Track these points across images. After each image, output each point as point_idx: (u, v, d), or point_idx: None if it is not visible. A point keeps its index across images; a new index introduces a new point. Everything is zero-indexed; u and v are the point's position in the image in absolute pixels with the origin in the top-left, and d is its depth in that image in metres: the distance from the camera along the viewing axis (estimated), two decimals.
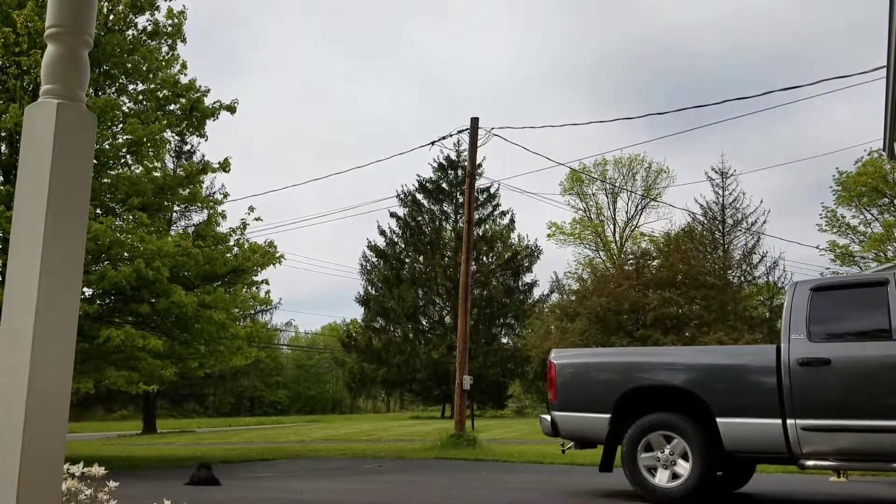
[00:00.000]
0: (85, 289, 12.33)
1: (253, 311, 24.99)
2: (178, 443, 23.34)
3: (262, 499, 7.65)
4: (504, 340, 40.87)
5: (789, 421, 6.29)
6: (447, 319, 38.73)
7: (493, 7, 75.21)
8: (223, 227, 14.90)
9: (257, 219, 14.78)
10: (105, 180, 13.28)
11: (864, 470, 7.75)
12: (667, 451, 6.72)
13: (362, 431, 24.52)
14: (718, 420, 6.51)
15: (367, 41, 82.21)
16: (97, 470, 3.05)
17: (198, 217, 25.31)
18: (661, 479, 6.71)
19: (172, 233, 15.63)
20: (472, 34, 75.75)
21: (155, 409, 36.14)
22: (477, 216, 37.71)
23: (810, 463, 6.31)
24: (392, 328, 40.17)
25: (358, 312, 45.68)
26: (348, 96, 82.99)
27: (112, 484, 3.12)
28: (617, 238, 47.75)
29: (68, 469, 2.88)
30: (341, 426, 29.56)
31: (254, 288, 15.43)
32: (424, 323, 40.33)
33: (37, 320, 1.90)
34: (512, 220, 40.70)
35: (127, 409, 47.57)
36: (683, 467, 6.62)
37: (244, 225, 14.68)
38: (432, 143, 18.67)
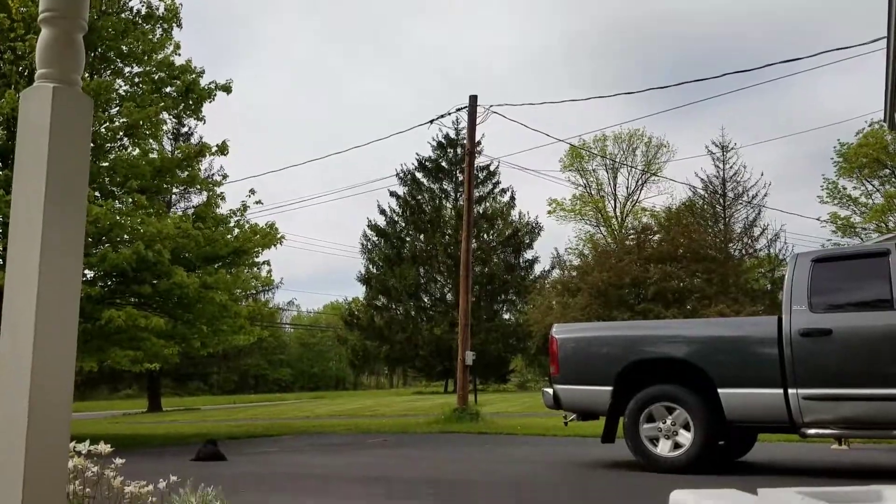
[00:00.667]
0: (86, 271, 12.36)
1: (255, 291, 25.05)
2: (184, 420, 23.49)
3: (268, 473, 7.72)
4: (506, 316, 41.01)
5: (791, 391, 6.33)
6: (448, 296, 38.81)
7: None
8: (223, 209, 14.93)
9: (258, 202, 14.82)
10: (103, 163, 13.26)
11: (865, 438, 7.82)
12: (669, 422, 6.78)
13: (366, 407, 24.68)
14: (720, 391, 6.56)
15: (367, 24, 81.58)
16: (103, 447, 3.09)
17: (197, 199, 25.24)
18: (663, 448, 6.78)
19: (172, 215, 15.61)
20: (472, 14, 75.11)
21: (159, 387, 36.33)
22: (477, 194, 37.63)
23: (812, 431, 6.38)
24: (394, 306, 40.29)
25: (360, 291, 45.85)
26: (348, 79, 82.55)
27: (118, 461, 3.16)
28: (617, 213, 47.68)
29: (74, 447, 2.92)
30: (345, 402, 29.75)
31: (255, 268, 15.47)
32: (426, 300, 40.44)
33: (38, 303, 1.91)
34: (512, 197, 40.70)
35: (132, 388, 47.86)
36: (685, 437, 6.69)
37: (244, 207, 14.69)
38: (431, 121, 18.39)
